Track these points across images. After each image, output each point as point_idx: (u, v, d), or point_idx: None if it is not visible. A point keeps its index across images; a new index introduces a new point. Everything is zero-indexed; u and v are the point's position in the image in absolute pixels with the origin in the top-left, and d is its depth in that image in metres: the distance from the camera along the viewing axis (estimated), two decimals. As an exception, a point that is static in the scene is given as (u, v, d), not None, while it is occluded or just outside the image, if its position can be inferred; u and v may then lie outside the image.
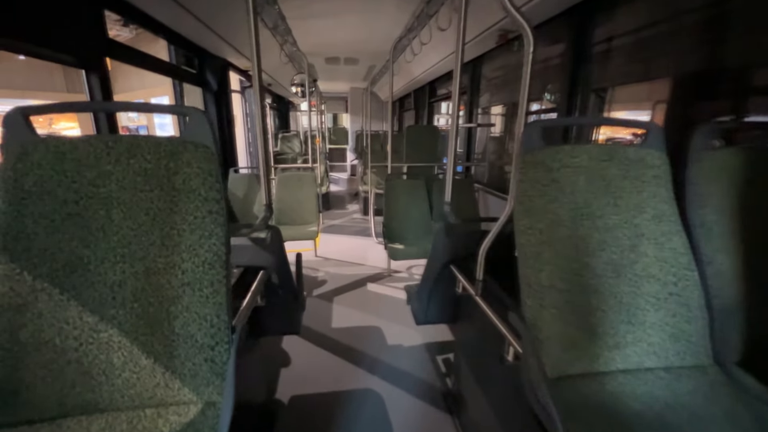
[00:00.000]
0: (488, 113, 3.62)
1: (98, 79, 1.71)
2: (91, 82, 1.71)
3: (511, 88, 3.16)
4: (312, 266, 3.60)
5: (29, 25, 1.36)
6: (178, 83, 2.80)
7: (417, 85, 5.71)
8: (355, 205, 6.37)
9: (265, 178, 1.43)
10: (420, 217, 3.14)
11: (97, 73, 1.70)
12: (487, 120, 3.60)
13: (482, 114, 3.67)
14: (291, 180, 3.54)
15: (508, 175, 3.29)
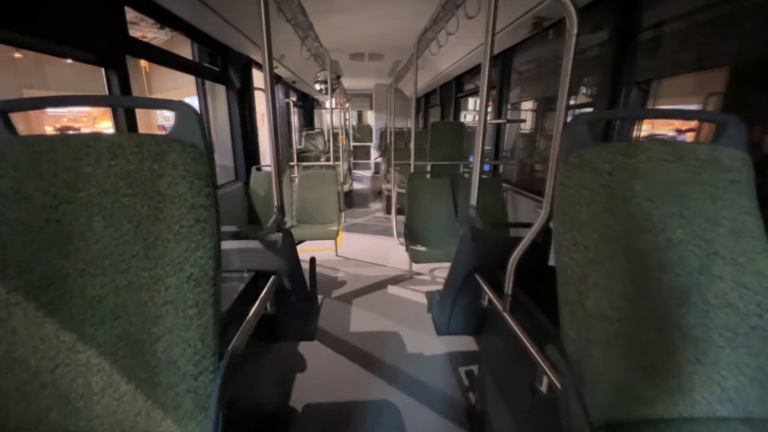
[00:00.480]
0: (518, 109, 3.41)
1: (117, 77, 1.69)
2: (111, 80, 1.69)
3: (545, 81, 2.94)
4: (332, 266, 3.54)
5: (49, 22, 1.34)
6: (201, 81, 2.79)
7: (443, 81, 5.52)
8: (378, 204, 6.28)
9: (276, 178, 1.35)
10: (444, 218, 2.99)
11: (116, 71, 1.69)
12: (516, 116, 3.39)
13: (512, 110, 3.46)
14: (312, 178, 3.49)
15: (539, 174, 3.07)
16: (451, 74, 4.80)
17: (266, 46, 1.27)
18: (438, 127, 3.14)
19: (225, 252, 1.35)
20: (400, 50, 4.81)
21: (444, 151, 3.11)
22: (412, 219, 2.99)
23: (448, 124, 3.66)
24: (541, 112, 3.06)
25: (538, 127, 3.06)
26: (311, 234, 3.10)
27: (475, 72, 4.26)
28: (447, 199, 3.02)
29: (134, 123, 1.81)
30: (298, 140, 6.77)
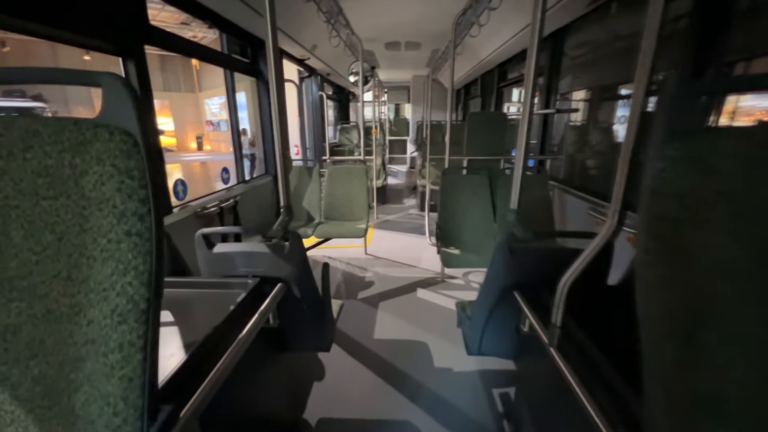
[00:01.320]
0: (568, 99, 3.02)
1: (135, 68, 1.63)
2: (128, 70, 1.64)
3: (603, 66, 2.56)
4: (360, 265, 3.40)
5: (60, 8, 1.29)
6: (230, 74, 2.74)
7: (484, 69, 5.16)
8: (413, 200, 6.06)
9: (283, 176, 1.20)
10: (481, 219, 2.73)
11: (134, 61, 1.63)
12: (567, 106, 3.02)
13: (561, 100, 3.09)
14: (341, 173, 3.36)
15: (592, 171, 2.71)
16: (493, 62, 4.45)
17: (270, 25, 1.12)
18: (476, 118, 2.86)
19: (228, 255, 1.23)
20: (438, 37, 4.53)
21: (483, 144, 2.84)
22: (445, 219, 2.76)
23: (488, 115, 3.34)
24: (596, 101, 2.68)
25: (592, 118, 2.68)
26: (338, 232, 2.98)
27: (520, 59, 3.89)
28: (484, 198, 2.75)
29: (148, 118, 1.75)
30: (333, 134, 6.71)
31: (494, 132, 2.81)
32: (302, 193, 3.32)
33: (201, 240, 1.19)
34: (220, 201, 2.39)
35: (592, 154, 2.60)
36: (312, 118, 4.73)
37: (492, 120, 2.84)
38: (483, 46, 4.01)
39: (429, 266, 3.34)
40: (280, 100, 1.14)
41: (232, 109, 2.82)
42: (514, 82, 4.25)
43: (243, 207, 2.67)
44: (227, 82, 2.76)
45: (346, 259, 3.55)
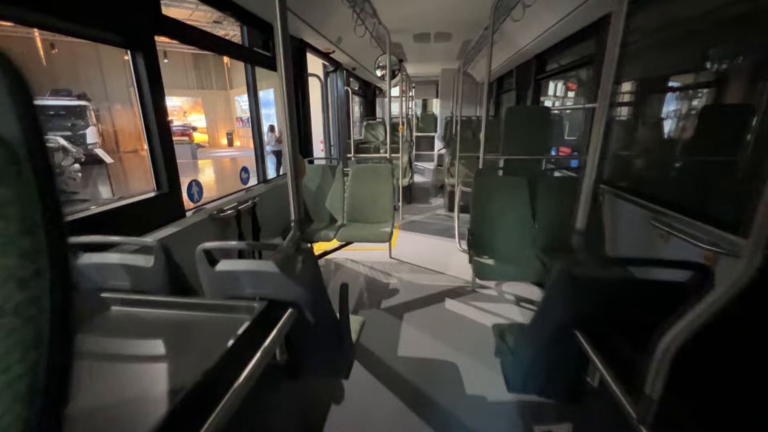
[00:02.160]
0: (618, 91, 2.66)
1: (144, 61, 1.51)
2: (137, 64, 1.51)
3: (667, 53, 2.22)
4: (384, 269, 3.21)
5: None
6: (251, 68, 2.61)
7: (519, 61, 4.80)
8: (440, 200, 5.80)
9: (293, 183, 1.02)
10: (518, 226, 2.46)
11: (143, 53, 1.50)
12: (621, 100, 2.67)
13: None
14: (365, 172, 3.17)
15: (656, 174, 2.37)
16: (531, 51, 4.10)
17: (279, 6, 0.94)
18: (514, 113, 2.58)
19: (232, 274, 1.06)
20: (470, 27, 4.23)
21: (521, 142, 2.56)
22: (478, 224, 2.51)
23: (528, 110, 3.02)
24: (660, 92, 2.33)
25: (655, 112, 2.33)
26: (361, 235, 2.80)
27: (562, 47, 3.54)
28: (523, 203, 2.47)
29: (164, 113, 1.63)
30: (359, 131, 6.55)
31: (535, 128, 2.52)
32: (325, 193, 3.16)
33: (202, 256, 1.04)
34: (238, 203, 2.27)
35: (658, 154, 2.26)
36: (337, 114, 4.57)
37: (532, 115, 2.55)
38: (521, 35, 3.68)
39: (458, 273, 3.10)
40: (289, 93, 0.96)
41: (252, 104, 2.69)
42: (556, 73, 3.88)
43: (262, 208, 2.55)
44: (248, 77, 2.63)
45: (370, 262, 3.37)
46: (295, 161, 0.99)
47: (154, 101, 1.55)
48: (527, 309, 2.52)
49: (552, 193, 2.44)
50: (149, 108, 1.55)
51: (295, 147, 0.97)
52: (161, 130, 1.60)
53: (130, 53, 1.48)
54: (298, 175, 1.02)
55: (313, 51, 3.47)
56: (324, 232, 2.81)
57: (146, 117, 1.56)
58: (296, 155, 0.99)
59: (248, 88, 2.65)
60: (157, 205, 1.62)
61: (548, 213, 2.43)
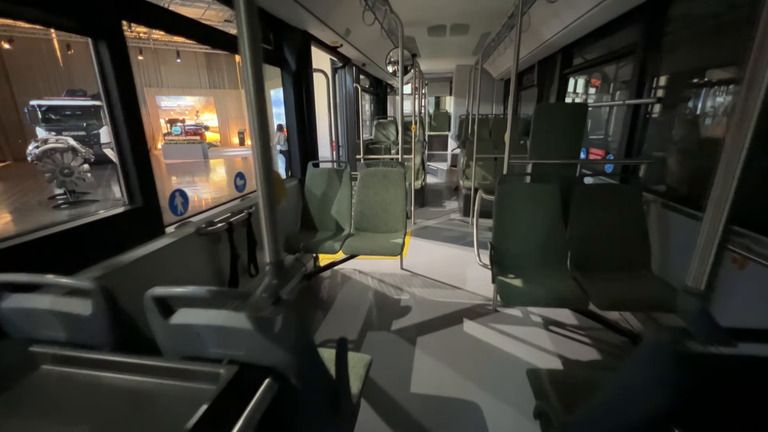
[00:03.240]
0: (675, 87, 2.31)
1: (109, 51, 1.26)
2: (101, 54, 1.27)
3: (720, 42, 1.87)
4: (395, 283, 2.93)
5: None
6: (249, 62, 2.36)
7: (541, 55, 4.45)
8: (454, 203, 5.48)
9: (267, 212, 0.74)
10: (549, 240, 2.15)
11: (108, 42, 1.25)
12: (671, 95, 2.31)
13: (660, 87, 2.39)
14: (375, 177, 2.89)
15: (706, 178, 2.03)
16: (557, 44, 3.75)
17: None
18: (545, 111, 2.26)
19: (192, 328, 0.80)
20: (490, 18, 3.91)
21: (552, 144, 2.24)
22: (501, 237, 2.20)
23: (561, 107, 2.65)
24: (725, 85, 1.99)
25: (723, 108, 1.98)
26: (370, 248, 2.52)
27: (593, 38, 3.19)
28: (554, 214, 2.16)
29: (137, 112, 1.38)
30: (369, 130, 6.27)
31: (568, 128, 2.19)
32: (331, 200, 2.90)
33: (152, 304, 0.78)
34: (231, 213, 2.02)
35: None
36: (345, 112, 4.31)
37: (566, 113, 2.22)
38: (547, 25, 3.34)
39: (477, 288, 2.80)
40: (258, 83, 0.69)
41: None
42: (585, 67, 3.53)
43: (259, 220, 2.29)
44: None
45: (379, 274, 3.10)
46: (268, 180, 0.71)
47: (122, 99, 1.30)
48: (557, 335, 2.21)
49: (589, 203, 2.12)
50: (117, 108, 1.31)
51: (266, 159, 0.70)
52: (133, 134, 1.35)
53: (91, 42, 1.24)
54: (274, 200, 0.74)
55: (319, 44, 3.20)
56: (329, 243, 2.55)
57: (114, 118, 1.31)
58: (269, 171, 0.70)
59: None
60: (129, 221, 1.37)
61: (584, 226, 2.11)
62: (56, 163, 7.56)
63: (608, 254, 2.08)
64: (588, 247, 2.09)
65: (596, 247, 2.10)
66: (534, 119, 2.21)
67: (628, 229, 2.07)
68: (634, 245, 2.05)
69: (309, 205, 2.91)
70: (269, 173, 0.68)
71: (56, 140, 8.04)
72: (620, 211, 2.09)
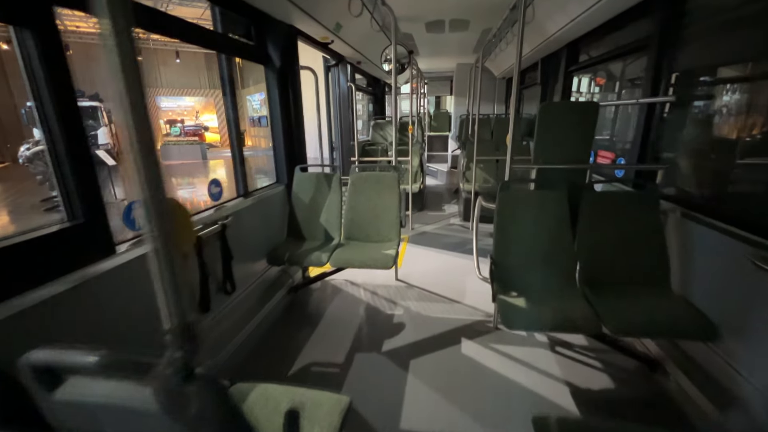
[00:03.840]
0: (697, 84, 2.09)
1: (34, 41, 1.06)
2: (26, 45, 1.07)
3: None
4: (388, 296, 2.73)
5: None
6: (226, 59, 2.16)
7: (545, 52, 4.23)
8: (454, 207, 5.27)
9: (161, 258, 0.53)
10: (556, 254, 1.94)
11: (32, 29, 1.06)
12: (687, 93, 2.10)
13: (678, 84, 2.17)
14: (367, 182, 2.69)
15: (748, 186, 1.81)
16: (562, 40, 3.54)
17: None
18: (550, 110, 2.05)
19: (84, 407, 0.60)
20: (491, 13, 3.70)
21: (559, 147, 2.03)
22: (503, 251, 2.00)
23: (570, 106, 2.41)
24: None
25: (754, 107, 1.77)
26: (360, 260, 2.32)
27: (601, 32, 2.98)
28: (562, 224, 1.95)
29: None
30: (366, 131, 6.07)
31: (577, 130, 1.98)
32: (319, 206, 2.70)
33: (29, 373, 0.58)
34: (203, 225, 1.82)
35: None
36: (339, 113, 4.11)
37: (575, 112, 2.01)
38: (552, 19, 3.13)
39: (477, 302, 2.59)
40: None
41: (229, 103, 2.24)
42: (592, 64, 3.31)
43: (238, 230, 2.10)
44: (222, 69, 2.18)
45: (372, 286, 2.89)
46: (162, 215, 0.49)
47: (54, 97, 1.10)
48: (565, 357, 2.00)
49: (600, 211, 1.91)
50: (48, 108, 1.11)
51: (153, 183, 0.48)
52: (70, 137, 1.15)
53: (13, 31, 1.04)
54: (172, 247, 0.51)
55: (308, 40, 3.01)
56: (316, 255, 2.35)
57: (46, 119, 1.12)
58: (160, 201, 0.48)
59: (222, 83, 2.20)
60: (66, 242, 1.17)
61: (595, 237, 1.90)
62: (48, 165, 7.41)
63: (622, 269, 1.87)
64: (599, 262, 1.88)
65: (609, 262, 1.89)
66: (539, 119, 2.00)
67: (644, 241, 1.86)
68: (651, 259, 1.84)
69: (296, 212, 2.71)
70: (161, 204, 0.47)
71: (45, 142, 7.89)
72: (635, 221, 1.88)
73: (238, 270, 2.11)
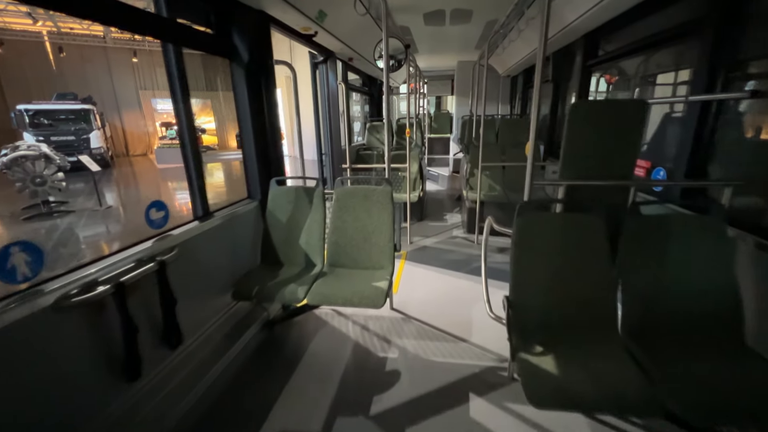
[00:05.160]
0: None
1: None
2: None
3: None
4: (382, 332, 2.30)
5: None
6: (174, 51, 1.73)
7: (560, 44, 3.80)
8: (457, 216, 4.83)
9: None
10: (591, 296, 1.51)
11: None
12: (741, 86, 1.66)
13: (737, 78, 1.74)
14: (354, 197, 2.26)
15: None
16: (579, 30, 3.11)
17: None
18: (584, 111, 1.61)
19: None
20: (496, 3, 3.27)
21: (596, 157, 1.59)
22: (521, 292, 1.56)
23: (610, 106, 1.81)
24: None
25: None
26: (343, 296, 1.88)
27: (627, 19, 2.55)
28: (598, 258, 1.51)
29: None
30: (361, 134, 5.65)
31: (620, 137, 1.55)
32: (299, 226, 2.28)
33: None
34: (136, 263, 1.40)
35: None
36: (329, 115, 3.68)
37: (617, 114, 1.56)
38: (570, 5, 2.70)
39: (486, 341, 2.17)
40: None
41: (181, 107, 1.82)
42: (618, 57, 2.87)
43: (191, 263, 1.67)
44: (169, 64, 1.75)
45: (363, 318, 2.47)
46: None
47: None
48: (605, 426, 1.56)
49: (650, 241, 1.48)
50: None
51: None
52: None
53: None
54: None
55: (287, 31, 2.58)
56: (291, 289, 1.92)
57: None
58: None
59: (171, 81, 1.77)
60: None
61: (644, 275, 1.47)
62: (27, 172, 7.04)
63: (681, 317, 1.44)
64: (650, 307, 1.45)
65: (662, 306, 1.46)
66: (568, 123, 1.56)
67: (708, 279, 1.43)
68: (719, 303, 1.41)
69: (271, 233, 2.29)
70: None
71: (27, 147, 7.52)
72: (697, 253, 1.45)
73: (192, 311, 1.69)
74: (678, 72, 2.25)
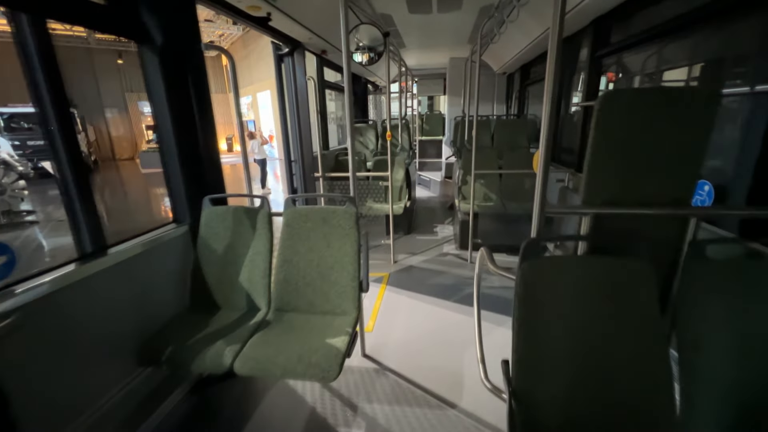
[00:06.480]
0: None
1: None
2: None
3: None
4: (347, 395, 1.78)
5: None
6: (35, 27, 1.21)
7: (563, 34, 3.30)
8: (449, 228, 4.33)
9: None
10: (634, 376, 1.00)
11: None
12: None
13: None
14: (308, 221, 1.74)
15: None
16: (586, 14, 2.64)
17: None
18: (620, 103, 1.10)
19: None
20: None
21: (639, 173, 1.08)
22: (527, 372, 1.06)
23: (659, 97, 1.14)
24: None
25: None
26: (284, 362, 1.37)
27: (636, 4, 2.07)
28: (641, 320, 1.01)
29: None
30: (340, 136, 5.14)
31: (677, 143, 1.03)
32: (239, 258, 1.76)
33: None
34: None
35: None
36: (297, 116, 3.16)
37: (672, 110, 1.04)
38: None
39: (482, 408, 1.66)
40: None
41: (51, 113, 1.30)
42: (634, 44, 2.38)
43: (69, 321, 1.16)
44: (25, 46, 1.23)
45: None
46: None
47: None
48: None
49: (723, 294, 0.98)
50: None
51: None
52: None
53: None
54: None
55: (224, 8, 2.07)
56: (214, 351, 1.40)
57: None
58: None
59: (31, 73, 1.25)
60: None
61: (731, 353, 0.97)
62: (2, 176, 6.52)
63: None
64: (746, 405, 0.94)
65: (743, 390, 0.96)
66: (596, 124, 1.04)
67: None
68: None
69: (203, 267, 1.77)
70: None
71: (-20, 153, 6.97)
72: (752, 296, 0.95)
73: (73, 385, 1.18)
74: (723, 59, 1.76)
